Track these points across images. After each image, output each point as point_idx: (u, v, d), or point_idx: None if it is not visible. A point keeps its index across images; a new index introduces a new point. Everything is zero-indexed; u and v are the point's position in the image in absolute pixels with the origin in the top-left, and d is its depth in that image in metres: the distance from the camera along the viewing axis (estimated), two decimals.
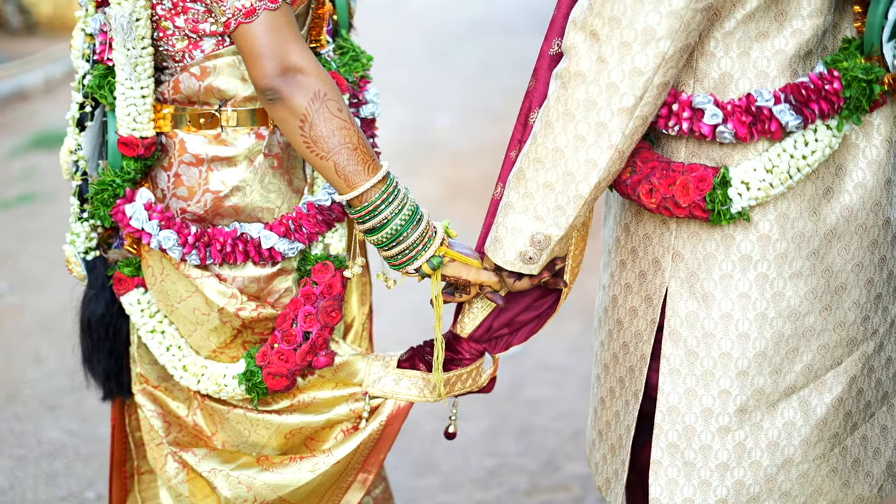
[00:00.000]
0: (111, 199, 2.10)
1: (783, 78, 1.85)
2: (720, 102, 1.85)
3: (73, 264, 2.30)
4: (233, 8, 1.91)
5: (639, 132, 1.83)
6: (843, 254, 1.93)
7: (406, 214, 1.96)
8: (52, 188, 6.69)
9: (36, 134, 7.83)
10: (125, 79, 2.05)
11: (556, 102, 1.85)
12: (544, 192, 1.88)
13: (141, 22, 2.02)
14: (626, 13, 1.75)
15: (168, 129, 2.12)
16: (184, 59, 2.07)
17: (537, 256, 1.94)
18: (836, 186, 1.92)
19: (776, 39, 1.85)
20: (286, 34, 1.93)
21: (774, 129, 1.84)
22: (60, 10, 11.09)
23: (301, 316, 2.12)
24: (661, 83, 1.79)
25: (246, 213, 2.12)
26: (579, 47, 1.81)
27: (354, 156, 1.94)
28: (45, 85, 9.17)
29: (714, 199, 1.86)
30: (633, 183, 1.92)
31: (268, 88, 1.92)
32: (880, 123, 1.93)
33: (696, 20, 1.75)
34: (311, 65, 1.94)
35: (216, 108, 2.09)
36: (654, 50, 1.76)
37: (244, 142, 2.10)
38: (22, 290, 5.29)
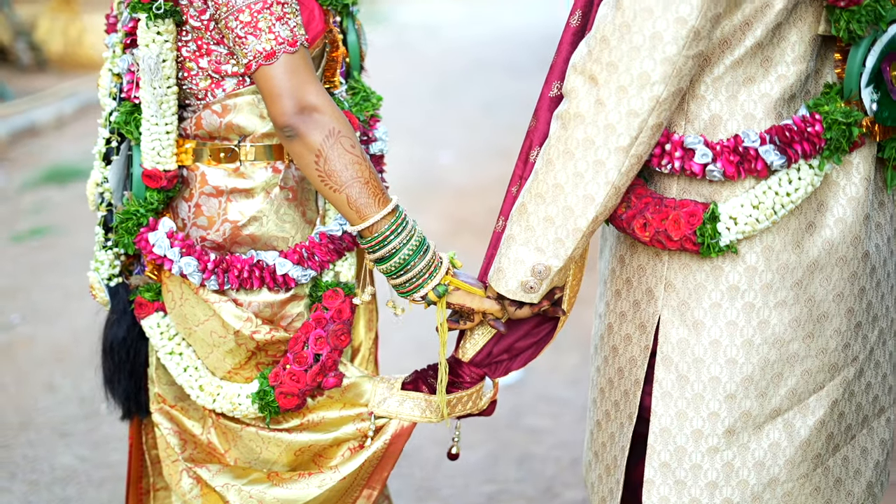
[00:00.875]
0: (135, 227, 2.23)
1: (769, 120, 1.96)
2: (710, 143, 1.96)
3: (97, 290, 2.42)
4: (254, 51, 2.04)
5: (634, 170, 1.94)
6: (825, 284, 2.04)
7: (414, 245, 2.08)
8: (64, 222, 6.79)
9: (47, 169, 7.94)
10: (151, 115, 2.18)
11: (557, 141, 1.96)
12: (545, 226, 2.00)
13: (167, 63, 2.15)
14: (622, 59, 1.87)
15: (189, 163, 2.24)
16: (206, 98, 2.20)
17: (538, 286, 2.05)
18: (818, 221, 2.03)
19: (762, 84, 1.96)
20: (304, 75, 2.06)
21: (760, 168, 1.95)
22: (70, 47, 11.25)
23: (312, 339, 2.24)
24: (655, 124, 1.90)
25: (262, 242, 2.24)
26: (579, 90, 1.92)
27: (366, 189, 2.06)
28: (56, 120, 9.29)
29: (704, 233, 1.96)
30: (627, 217, 2.02)
31: (286, 126, 2.05)
32: (859, 163, 2.04)
33: (687, 66, 1.87)
34: (326, 104, 2.06)
35: (235, 144, 2.22)
36: (649, 93, 1.87)
37: (261, 175, 2.23)
38: (35, 320, 5.37)
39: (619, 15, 1.86)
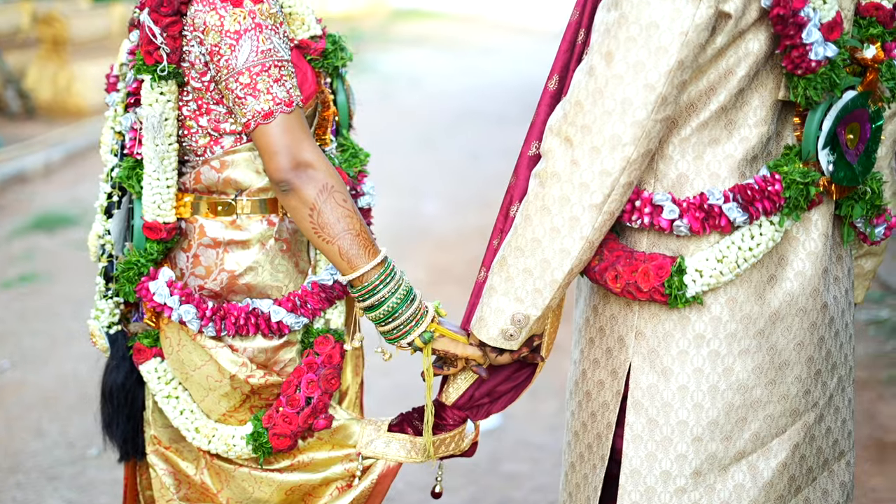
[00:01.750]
0: (136, 277, 2.34)
1: (732, 179, 2.09)
2: (677, 200, 2.09)
3: (98, 337, 2.53)
4: (253, 111, 2.17)
5: (607, 225, 2.07)
6: (786, 334, 2.17)
7: (401, 294, 2.20)
8: (51, 268, 6.89)
9: (36, 216, 8.03)
10: (153, 171, 2.30)
11: (535, 198, 2.09)
12: (524, 277, 2.12)
13: (169, 121, 2.28)
14: (595, 122, 2.00)
15: (188, 215, 2.37)
16: (205, 154, 2.33)
17: (517, 334, 2.17)
18: (779, 274, 2.15)
19: (726, 145, 2.09)
20: (299, 134, 2.19)
21: (724, 224, 2.07)
22: (59, 95, 11.37)
23: (304, 383, 2.35)
24: (626, 183, 2.03)
25: (257, 291, 2.36)
26: (555, 151, 2.05)
27: (357, 241, 2.19)
28: (44, 168, 9.39)
29: (671, 285, 2.09)
30: (600, 269, 2.14)
31: (282, 181, 2.17)
32: (818, 219, 2.17)
33: (656, 129, 2.00)
34: (320, 161, 2.19)
35: (232, 198, 2.35)
36: (621, 154, 2.00)
37: (257, 227, 2.36)
38: (24, 366, 5.45)
39: (593, 81, 2.00)
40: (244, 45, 2.17)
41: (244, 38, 2.17)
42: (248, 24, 2.17)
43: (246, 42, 2.17)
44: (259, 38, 2.17)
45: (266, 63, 2.18)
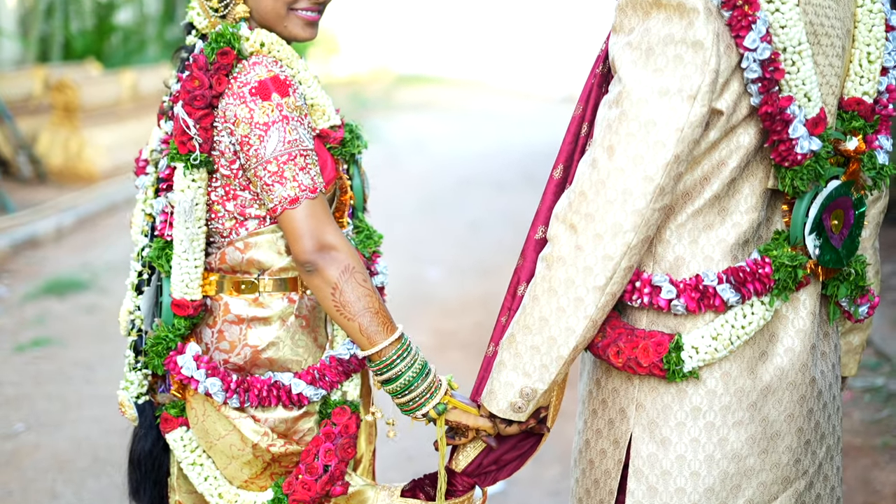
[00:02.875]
0: (165, 351, 2.49)
1: (725, 262, 2.24)
2: (674, 281, 2.23)
3: (127, 407, 2.66)
4: (280, 197, 2.34)
5: (609, 305, 2.22)
6: (777, 406, 2.31)
7: (416, 369, 2.35)
8: (63, 333, 6.98)
9: (48, 280, 8.14)
10: (182, 252, 2.46)
11: (542, 280, 2.24)
12: (531, 354, 2.27)
13: (199, 206, 2.44)
14: (598, 211, 2.15)
15: (213, 293, 2.52)
16: (230, 236, 2.49)
17: (525, 406, 2.31)
18: (770, 350, 2.30)
19: (720, 230, 2.25)
20: (322, 217, 2.35)
21: (718, 303, 2.22)
22: (70, 161, 11.54)
23: (322, 451, 2.49)
24: (626, 266, 2.18)
25: (278, 364, 2.51)
26: (561, 237, 2.21)
27: (376, 319, 2.34)
28: (55, 232, 9.52)
29: (670, 361, 2.23)
30: (603, 345, 2.29)
31: (307, 262, 2.33)
32: (806, 299, 2.32)
33: (654, 217, 2.16)
34: (342, 243, 2.35)
35: (255, 277, 2.50)
36: (622, 240, 2.15)
37: (278, 305, 2.51)
38: (38, 429, 5.52)
39: (596, 173, 2.16)
40: (272, 135, 2.33)
41: (272, 130, 2.33)
42: (276, 117, 2.34)
43: (274, 133, 2.33)
44: (286, 129, 2.34)
45: (292, 152, 2.34)
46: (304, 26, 2.50)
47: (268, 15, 2.47)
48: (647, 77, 2.11)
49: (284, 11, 2.47)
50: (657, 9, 2.13)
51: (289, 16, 2.48)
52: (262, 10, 2.47)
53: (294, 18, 2.48)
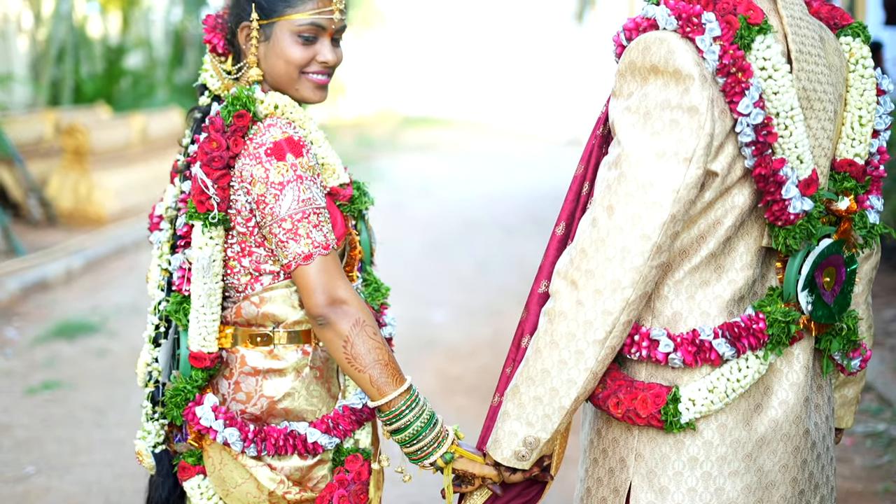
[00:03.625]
0: (183, 402, 2.58)
1: (721, 317, 2.32)
2: (672, 335, 2.32)
3: (145, 457, 2.75)
4: (294, 253, 2.44)
5: (609, 358, 2.30)
6: (772, 457, 2.38)
7: (425, 419, 2.44)
8: (73, 376, 7.06)
9: (57, 323, 8.23)
10: (200, 306, 2.55)
11: (545, 334, 2.33)
12: (534, 404, 2.35)
13: (216, 262, 2.54)
14: (598, 268, 2.25)
15: (229, 346, 2.61)
16: (245, 290, 2.59)
17: (529, 455, 2.40)
18: (764, 403, 2.38)
19: (716, 287, 2.34)
20: (334, 273, 2.45)
21: (714, 357, 2.30)
22: (80, 204, 11.67)
23: (336, 498, 2.58)
24: (625, 321, 2.27)
25: (294, 414, 2.60)
26: (563, 292, 2.30)
27: (385, 371, 2.43)
28: (65, 275, 9.63)
29: (667, 412, 2.31)
30: (604, 397, 2.37)
31: (319, 316, 2.43)
32: (799, 353, 2.40)
33: (652, 274, 2.25)
34: (353, 297, 2.45)
35: (270, 329, 2.59)
36: (620, 296, 2.24)
37: (293, 357, 2.60)
38: (48, 472, 5.58)
39: (596, 231, 2.25)
40: (287, 194, 2.44)
41: (287, 189, 2.44)
42: (291, 176, 2.44)
43: (289, 192, 2.44)
44: (300, 188, 2.45)
45: (306, 210, 2.44)
46: (314, 89, 2.61)
47: (281, 78, 2.59)
48: (644, 140, 2.21)
49: (297, 75, 2.58)
50: (655, 75, 2.23)
51: (300, 79, 2.59)
52: (276, 74, 2.58)
53: (305, 82, 2.60)
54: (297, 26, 2.56)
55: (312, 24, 2.57)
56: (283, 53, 2.57)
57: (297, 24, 2.56)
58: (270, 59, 2.59)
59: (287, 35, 2.57)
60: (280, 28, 2.57)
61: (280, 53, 2.57)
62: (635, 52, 2.26)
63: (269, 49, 2.58)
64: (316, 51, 2.59)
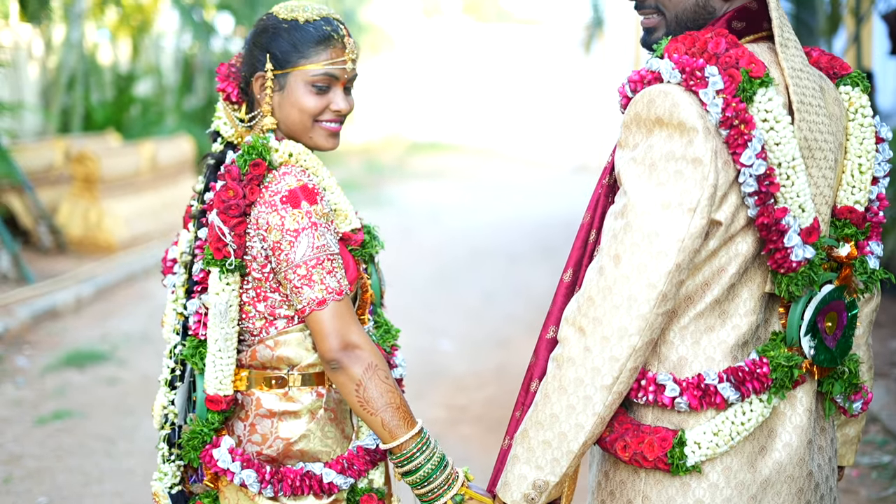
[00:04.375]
0: (200, 444, 2.64)
1: (726, 362, 2.38)
2: (678, 380, 2.37)
3: (161, 497, 2.80)
4: (308, 299, 2.50)
5: (616, 403, 2.35)
6: (776, 498, 2.42)
7: (435, 461, 2.50)
8: (83, 405, 7.07)
9: (68, 351, 8.26)
10: (217, 350, 2.61)
11: (553, 379, 2.38)
12: (543, 448, 2.40)
13: (233, 308, 2.60)
14: (605, 315, 2.30)
15: (244, 388, 2.67)
16: (261, 334, 2.65)
17: (538, 498, 2.43)
18: (768, 445, 2.42)
19: (720, 332, 2.39)
20: (347, 318, 2.51)
21: (719, 401, 2.36)
22: (90, 231, 11.74)
23: None
24: (632, 367, 2.33)
25: (309, 455, 2.65)
26: (571, 339, 2.35)
27: (397, 414, 2.49)
28: (75, 303, 9.68)
29: (674, 455, 2.36)
30: (611, 440, 2.42)
31: (332, 360, 2.49)
32: (802, 396, 2.45)
33: (658, 321, 2.30)
34: (365, 342, 2.51)
35: (285, 372, 2.65)
36: (627, 343, 2.30)
37: (307, 399, 2.66)
38: (60, 502, 5.59)
39: (603, 280, 2.31)
40: (302, 241, 2.50)
41: (302, 236, 2.50)
42: (306, 224, 2.51)
43: (304, 239, 2.50)
44: (315, 235, 2.51)
45: (320, 257, 2.51)
46: (327, 137, 2.68)
47: (294, 126, 2.66)
48: (650, 191, 2.27)
49: (310, 123, 2.65)
50: (659, 127, 2.29)
51: (314, 127, 2.66)
52: (290, 122, 2.65)
53: (319, 129, 2.67)
54: (311, 76, 2.63)
55: (326, 75, 2.63)
56: (298, 103, 2.64)
57: (310, 75, 2.63)
58: (285, 107, 2.65)
59: (301, 85, 2.63)
60: (294, 78, 2.63)
61: (294, 103, 2.64)
62: (640, 105, 2.33)
63: (284, 98, 2.65)
64: (329, 99, 2.66)
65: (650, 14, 2.48)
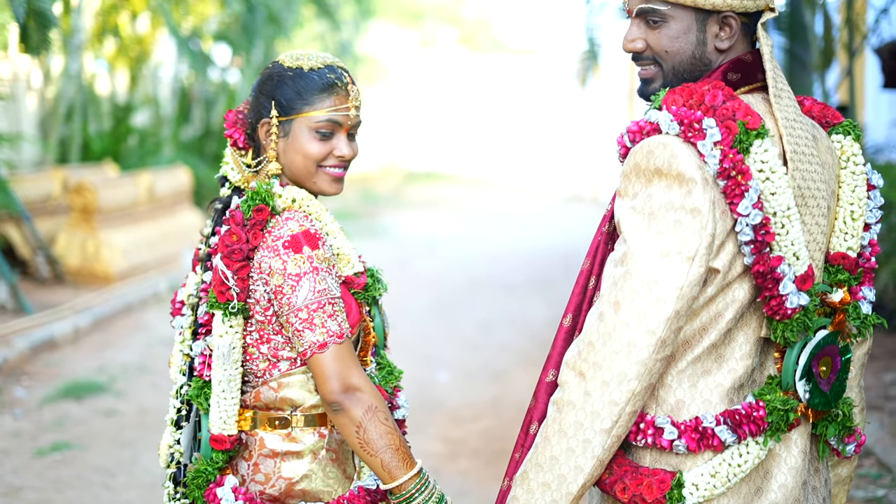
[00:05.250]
0: (205, 483, 2.68)
1: (722, 405, 2.42)
2: (676, 423, 2.42)
3: None
4: (309, 342, 2.55)
5: (615, 446, 2.40)
6: None
7: (434, 501, 2.54)
8: (82, 437, 7.08)
9: (66, 383, 8.26)
10: (221, 391, 2.66)
11: (553, 422, 2.43)
12: (542, 490, 2.44)
13: (236, 349, 2.65)
14: (605, 360, 2.35)
15: (248, 429, 2.71)
16: (264, 376, 2.69)
17: None
18: (764, 486, 2.47)
19: (717, 376, 2.44)
20: (348, 361, 2.56)
21: (716, 444, 2.40)
22: (87, 262, 11.77)
23: None
24: (631, 411, 2.37)
25: (311, 495, 2.70)
26: (571, 383, 2.40)
27: (396, 455, 2.54)
28: (73, 334, 9.70)
29: (672, 497, 2.40)
30: (610, 482, 2.46)
31: (333, 402, 2.54)
32: (797, 438, 2.50)
33: (656, 367, 2.35)
34: (366, 384, 2.56)
35: (288, 413, 2.70)
36: (627, 388, 2.35)
37: (310, 439, 2.70)
38: None
39: (603, 326, 2.36)
40: (304, 285, 2.55)
41: (303, 280, 2.55)
42: (307, 268, 2.56)
43: (305, 283, 2.55)
44: (316, 279, 2.56)
45: (322, 301, 2.56)
46: (331, 182, 2.74)
47: (299, 171, 2.71)
48: (649, 239, 2.33)
49: (314, 169, 2.71)
50: (659, 177, 2.35)
51: (318, 172, 2.72)
52: (294, 168, 2.71)
53: (322, 175, 2.72)
54: (315, 123, 2.69)
55: (329, 121, 2.69)
56: (302, 148, 2.69)
57: (314, 121, 2.69)
58: (289, 153, 2.71)
59: (305, 131, 2.69)
60: (298, 124, 2.69)
61: (298, 148, 2.70)
62: (640, 156, 2.38)
63: (288, 144, 2.71)
64: (333, 145, 2.72)
65: (648, 65, 2.54)
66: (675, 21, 2.48)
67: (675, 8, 2.47)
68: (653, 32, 2.51)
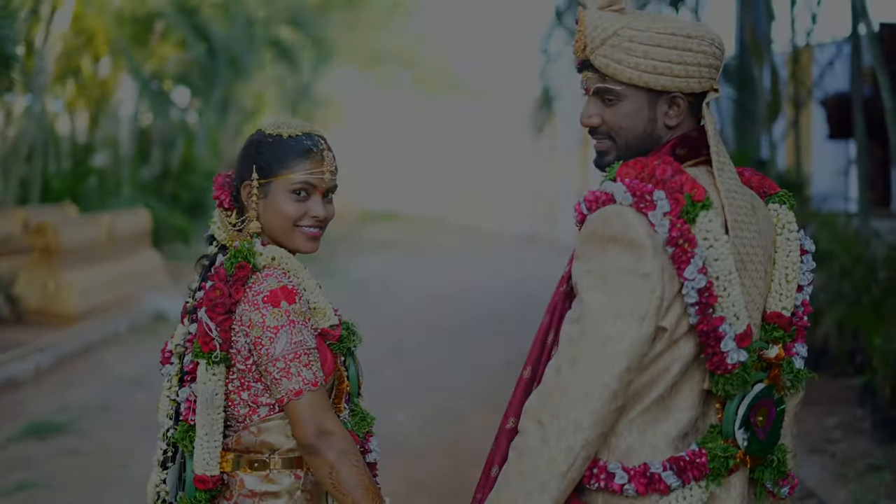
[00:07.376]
0: None
1: (668, 451, 2.62)
2: (626, 468, 2.60)
3: None
4: (286, 389, 2.76)
5: (570, 489, 2.58)
6: None
7: None
8: (45, 477, 7.15)
9: (28, 423, 8.33)
10: (204, 434, 2.84)
11: (513, 466, 2.60)
12: None
13: (219, 396, 2.84)
14: (562, 410, 2.54)
15: (229, 470, 2.90)
16: (245, 421, 2.88)
17: None
18: None
19: (664, 425, 2.64)
20: (322, 407, 2.77)
21: (663, 488, 2.60)
22: (48, 301, 11.85)
23: None
24: (585, 456, 2.57)
25: None
26: (530, 430, 2.59)
27: (367, 495, 2.74)
28: (34, 373, 9.79)
29: None
30: None
31: (308, 445, 2.74)
32: (736, 482, 2.69)
33: (609, 416, 2.55)
34: (338, 429, 2.77)
35: (266, 456, 2.89)
36: (581, 436, 2.54)
37: (286, 481, 2.89)
38: None
39: (561, 378, 2.56)
40: (281, 337, 2.76)
41: (281, 332, 2.76)
42: (284, 321, 2.77)
43: (282, 335, 2.76)
44: (293, 331, 2.77)
45: (298, 351, 2.77)
46: (306, 240, 2.95)
47: (277, 230, 2.92)
48: (604, 301, 2.54)
49: (290, 228, 2.92)
50: (613, 244, 2.57)
51: (294, 231, 2.93)
52: (273, 226, 2.92)
53: (299, 234, 2.93)
54: (292, 185, 2.90)
55: (305, 183, 2.90)
56: (279, 208, 2.90)
57: (291, 183, 2.90)
58: (268, 213, 2.92)
59: (283, 192, 2.90)
60: (277, 186, 2.90)
61: (277, 208, 2.91)
62: (597, 223, 2.61)
63: (268, 204, 2.92)
64: (308, 207, 2.93)
65: (603, 139, 2.77)
66: (628, 100, 2.71)
67: (628, 88, 2.70)
68: (608, 109, 2.74)
